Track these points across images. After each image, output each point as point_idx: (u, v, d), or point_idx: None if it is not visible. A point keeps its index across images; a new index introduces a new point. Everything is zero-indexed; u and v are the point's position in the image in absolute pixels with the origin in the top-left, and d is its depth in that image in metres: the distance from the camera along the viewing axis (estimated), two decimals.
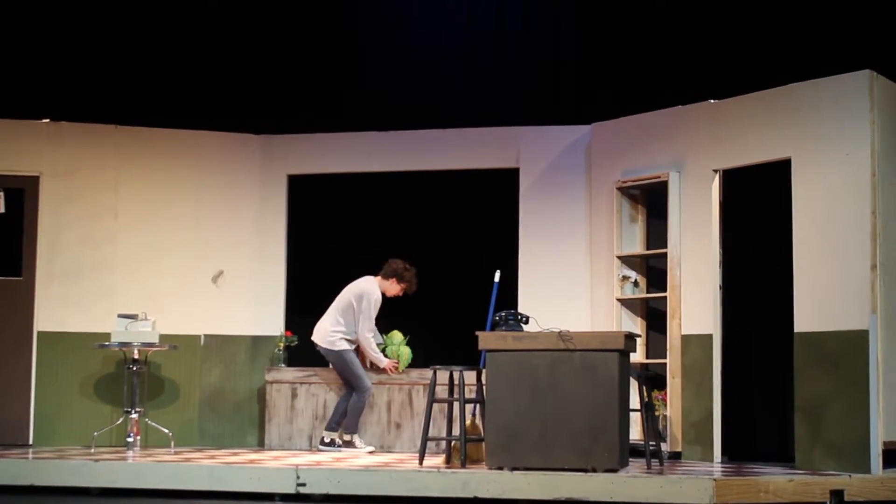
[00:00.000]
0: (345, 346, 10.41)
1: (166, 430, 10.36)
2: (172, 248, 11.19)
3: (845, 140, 9.00)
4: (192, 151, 11.34)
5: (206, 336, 11.16)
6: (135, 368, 10.44)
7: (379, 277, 10.53)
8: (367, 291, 10.42)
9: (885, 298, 8.82)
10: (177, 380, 11.07)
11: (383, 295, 10.49)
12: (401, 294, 10.53)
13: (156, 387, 10.99)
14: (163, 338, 10.50)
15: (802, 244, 9.20)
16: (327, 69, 11.90)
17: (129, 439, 10.34)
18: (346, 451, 10.26)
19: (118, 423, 10.51)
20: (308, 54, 11.87)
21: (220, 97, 11.73)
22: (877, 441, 8.65)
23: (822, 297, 9.02)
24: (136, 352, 10.41)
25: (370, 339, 10.44)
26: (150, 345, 10.39)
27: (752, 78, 10.03)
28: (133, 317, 10.44)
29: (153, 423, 10.50)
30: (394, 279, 10.47)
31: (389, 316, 11.34)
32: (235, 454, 9.99)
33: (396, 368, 10.53)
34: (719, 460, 9.59)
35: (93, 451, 9.97)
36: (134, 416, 10.38)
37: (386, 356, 10.55)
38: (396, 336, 10.70)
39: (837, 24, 10.05)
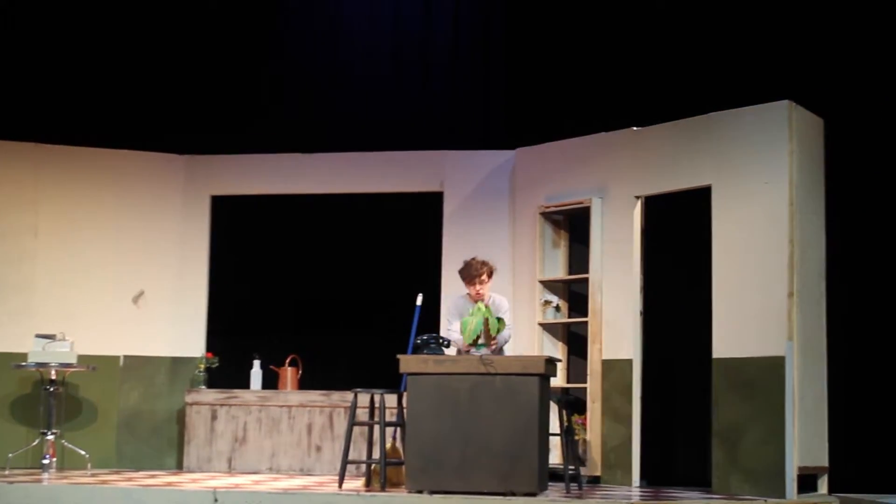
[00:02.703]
0: None
1: (83, 452, 10.23)
2: (93, 268, 11.07)
3: (764, 169, 9.14)
4: (114, 170, 11.24)
5: (125, 357, 11.05)
6: (52, 389, 10.31)
7: None
8: None
9: (801, 326, 8.95)
10: (95, 401, 10.94)
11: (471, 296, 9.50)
12: (477, 286, 9.30)
13: (73, 408, 10.85)
14: (81, 358, 10.38)
15: (721, 271, 9.31)
16: (253, 90, 11.86)
17: (45, 461, 10.20)
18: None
19: (34, 444, 10.36)
20: (233, 75, 11.82)
21: (143, 116, 11.64)
22: (792, 466, 8.76)
23: (740, 324, 9.13)
24: (53, 372, 10.29)
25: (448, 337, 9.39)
26: (68, 365, 10.27)
27: (674, 106, 10.14)
28: (51, 337, 10.32)
29: (70, 445, 10.37)
30: (464, 283, 9.52)
31: (309, 335, 11.37)
32: (153, 476, 9.90)
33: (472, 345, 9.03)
34: (638, 484, 9.64)
35: (7, 472, 9.81)
36: (50, 437, 10.24)
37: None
38: (474, 308, 9.12)
39: (758, 54, 10.20)
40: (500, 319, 8.99)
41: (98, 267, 11.09)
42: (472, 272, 9.30)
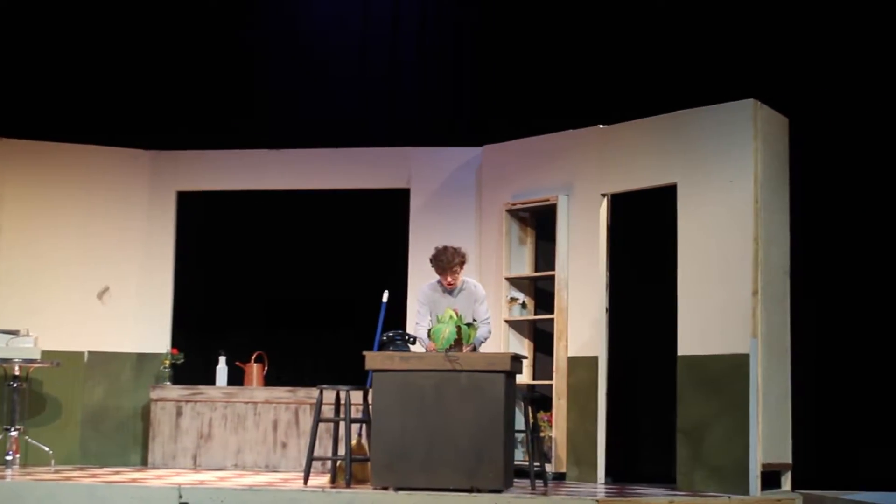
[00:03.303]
0: None
1: (47, 449, 10.19)
2: (57, 264, 11.00)
3: (730, 167, 9.18)
4: (79, 166, 11.17)
5: (89, 353, 10.99)
6: (15, 385, 10.25)
7: None
8: None
9: (765, 323, 8.99)
10: (59, 397, 10.88)
11: (443, 283, 9.37)
12: (447, 275, 9.20)
13: (37, 404, 10.79)
14: (45, 354, 10.33)
15: (686, 269, 9.35)
16: (219, 85, 11.81)
17: (8, 457, 10.13)
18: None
19: None
20: (199, 70, 11.77)
21: (110, 111, 11.58)
22: (756, 463, 8.81)
23: (705, 321, 9.17)
24: (16, 368, 10.23)
25: (416, 333, 9.39)
26: (32, 361, 10.22)
27: (640, 104, 10.17)
28: (14, 332, 10.26)
29: (33, 441, 10.32)
30: (435, 271, 9.35)
31: (275, 331, 11.35)
32: (118, 473, 9.86)
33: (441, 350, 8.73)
34: (603, 481, 9.67)
35: None
36: (13, 433, 10.18)
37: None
38: (444, 315, 8.88)
39: (723, 53, 10.24)
40: (470, 325, 8.90)
41: (62, 262, 11.02)
42: (445, 264, 9.19)
